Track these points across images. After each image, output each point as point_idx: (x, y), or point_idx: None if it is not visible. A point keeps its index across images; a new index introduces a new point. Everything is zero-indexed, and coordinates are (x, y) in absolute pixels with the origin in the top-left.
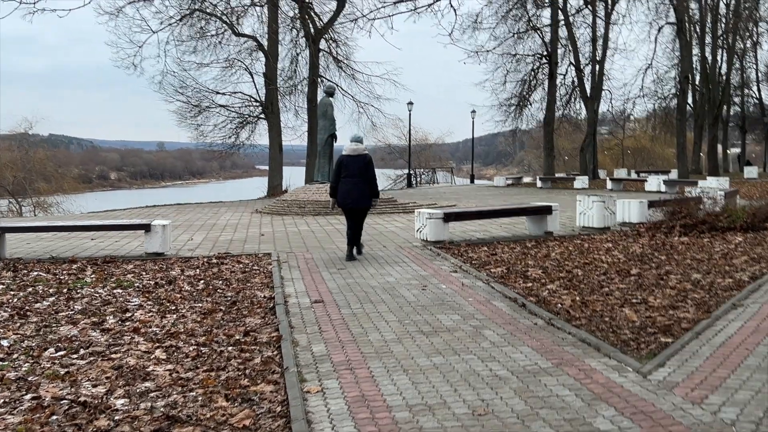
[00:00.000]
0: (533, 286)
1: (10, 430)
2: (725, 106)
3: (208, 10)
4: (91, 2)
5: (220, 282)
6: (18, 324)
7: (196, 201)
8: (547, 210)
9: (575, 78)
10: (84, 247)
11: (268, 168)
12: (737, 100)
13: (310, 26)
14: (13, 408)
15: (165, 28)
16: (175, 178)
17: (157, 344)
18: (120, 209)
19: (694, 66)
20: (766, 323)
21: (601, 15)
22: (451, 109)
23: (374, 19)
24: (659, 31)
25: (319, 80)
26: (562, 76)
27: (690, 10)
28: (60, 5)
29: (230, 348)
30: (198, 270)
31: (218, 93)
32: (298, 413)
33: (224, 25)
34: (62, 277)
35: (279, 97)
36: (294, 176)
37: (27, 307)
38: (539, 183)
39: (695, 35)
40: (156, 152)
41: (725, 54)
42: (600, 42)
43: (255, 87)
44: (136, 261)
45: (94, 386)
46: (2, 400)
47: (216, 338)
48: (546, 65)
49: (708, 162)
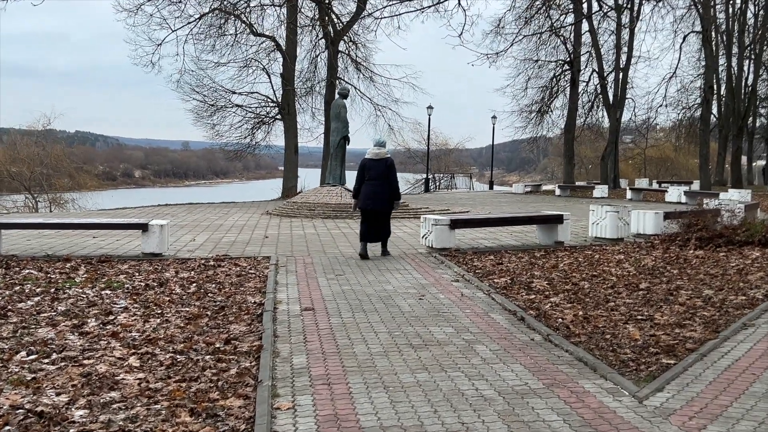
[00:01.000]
0: (536, 299)
1: None
2: (751, 118)
3: (228, 9)
4: None
5: (213, 285)
6: None
7: (213, 201)
8: (558, 219)
9: (598, 85)
10: (83, 246)
11: (283, 169)
12: (763, 112)
13: (330, 28)
14: None
15: (184, 27)
16: (199, 178)
17: (133, 350)
18: (131, 207)
19: (720, 76)
20: None
21: (624, 22)
22: (473, 115)
23: (381, 18)
24: (684, 40)
25: (337, 82)
26: (585, 84)
27: (716, 19)
28: None
29: (208, 357)
30: (193, 272)
31: (234, 93)
32: None
33: (243, 25)
34: (53, 276)
35: (296, 99)
36: (311, 178)
37: (9, 307)
38: (558, 191)
39: (722, 44)
40: (180, 151)
41: (752, 64)
42: (624, 49)
43: (272, 88)
44: (132, 261)
45: (58, 394)
46: None
47: (195, 346)
48: (568, 72)
49: (732, 174)
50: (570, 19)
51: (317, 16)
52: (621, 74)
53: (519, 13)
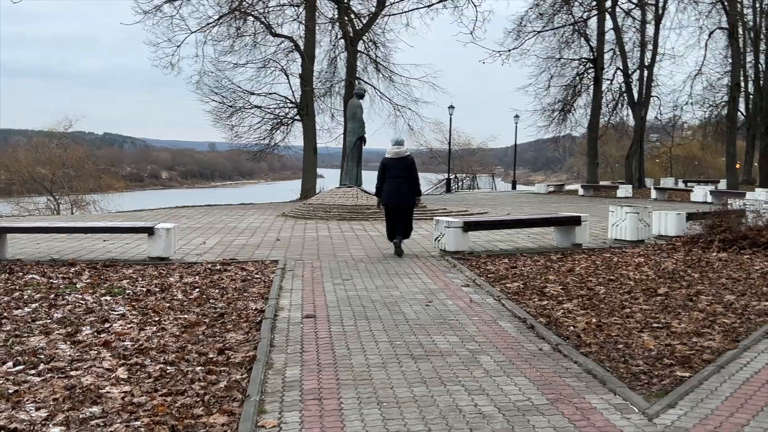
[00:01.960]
0: (548, 305)
1: None
2: None
3: (248, 10)
4: None
5: (216, 291)
6: None
7: (233, 202)
8: (576, 221)
9: (622, 83)
10: (91, 249)
11: (303, 170)
12: None
13: (349, 27)
14: None
15: (203, 28)
16: (225, 179)
17: (123, 361)
18: (149, 209)
19: (747, 73)
20: None
21: (649, 18)
22: (495, 115)
23: (389, 15)
24: (710, 36)
25: (356, 82)
26: (609, 82)
27: (743, 15)
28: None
29: (198, 368)
30: (197, 277)
31: (253, 94)
32: None
33: (261, 26)
34: (55, 282)
35: (314, 99)
36: (330, 179)
37: (5, 314)
38: (581, 191)
39: (749, 41)
40: (207, 152)
41: None
42: (649, 46)
43: (290, 88)
44: (138, 265)
45: (37, 409)
46: None
47: (187, 356)
48: (591, 70)
49: (760, 173)
50: (593, 17)
51: (336, 16)
52: (646, 72)
53: (541, 11)
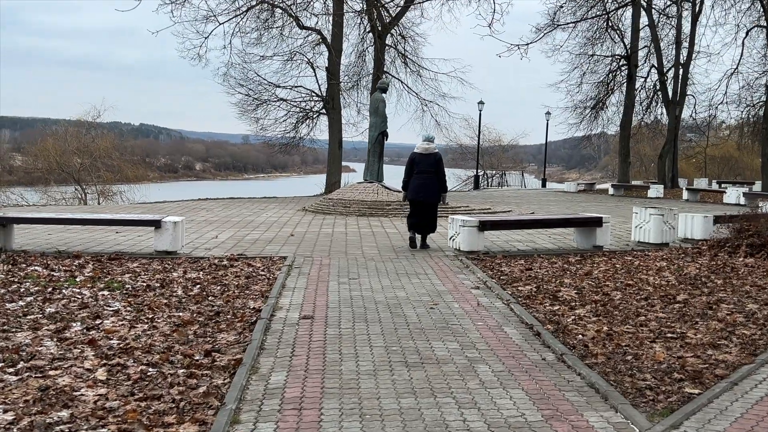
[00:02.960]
0: (559, 310)
1: None
2: None
3: (275, 2)
4: None
5: (218, 287)
6: None
7: (257, 195)
8: (597, 222)
9: (657, 81)
10: (101, 241)
11: (327, 164)
12: None
13: (377, 20)
14: None
15: (231, 20)
16: (258, 171)
17: (105, 361)
18: (171, 201)
19: None
20: None
21: (685, 15)
22: (527, 111)
23: (410, 5)
24: (747, 35)
25: (384, 76)
26: (643, 79)
27: None
28: None
29: (181, 371)
30: (201, 272)
31: (279, 86)
32: None
33: (289, 18)
34: (57, 274)
35: (340, 93)
36: (356, 173)
37: None
38: (611, 190)
39: None
40: (240, 145)
41: None
42: (685, 44)
43: (317, 81)
44: (143, 259)
45: (5, 411)
46: None
47: (172, 357)
48: (625, 67)
49: None
50: (627, 13)
51: (365, 9)
52: (681, 70)
53: (573, 8)
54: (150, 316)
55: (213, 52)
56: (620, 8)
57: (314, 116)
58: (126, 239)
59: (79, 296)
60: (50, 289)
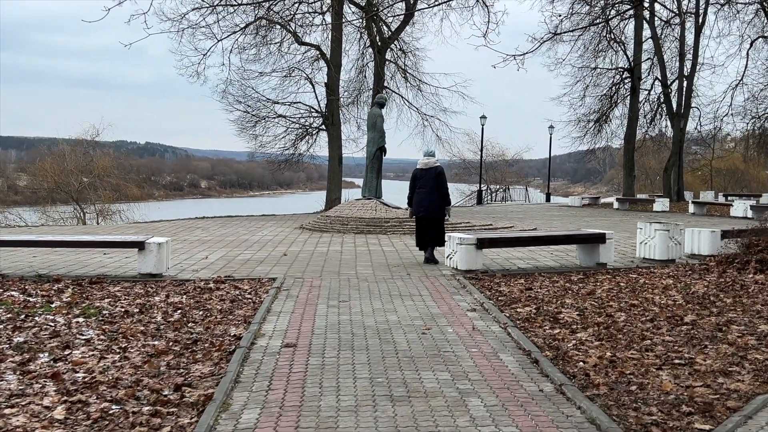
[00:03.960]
0: (559, 334)
1: None
2: None
3: (275, 19)
4: (151, 8)
5: (200, 313)
6: None
7: (256, 213)
8: (600, 238)
9: (661, 94)
10: (85, 263)
11: (327, 181)
12: None
13: (377, 36)
14: None
15: (229, 36)
16: (264, 188)
17: (66, 397)
18: (167, 220)
19: None
20: None
21: (688, 26)
22: (530, 125)
23: (396, 16)
24: (751, 45)
25: (383, 91)
26: (647, 92)
27: None
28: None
29: (146, 408)
30: (185, 296)
31: (277, 103)
32: None
33: (287, 34)
34: (33, 300)
35: (340, 108)
36: (360, 189)
37: None
38: (616, 204)
39: None
40: (245, 162)
41: None
42: (688, 56)
43: (316, 97)
44: (126, 282)
45: None
46: None
47: (139, 392)
48: (628, 80)
49: None
50: (630, 26)
51: (364, 24)
52: (685, 82)
53: (576, 20)
54: (123, 346)
55: (211, 69)
56: (619, 15)
57: (314, 132)
58: (112, 261)
59: (52, 324)
60: (23, 317)
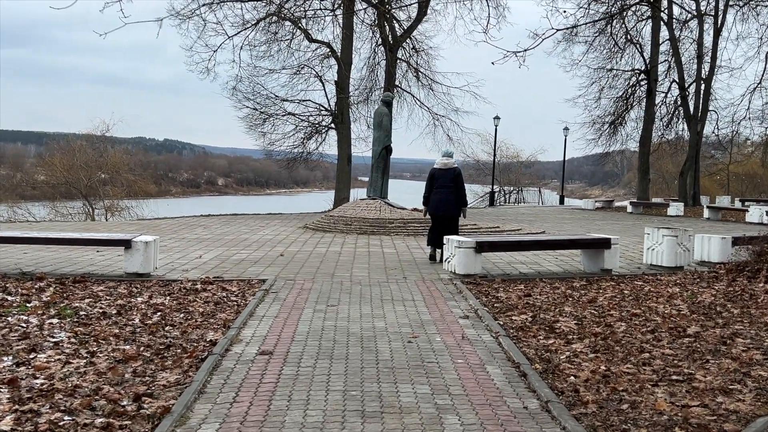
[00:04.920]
0: (553, 345)
1: None
2: None
3: (286, 16)
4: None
5: (181, 315)
6: None
7: (261, 211)
8: (605, 243)
9: (678, 97)
10: (75, 261)
11: (336, 180)
12: None
13: (389, 34)
14: None
15: (240, 33)
16: (280, 186)
17: (17, 406)
18: (171, 217)
19: None
20: None
21: (706, 28)
22: (545, 127)
23: (395, 9)
24: None
25: (394, 90)
26: (663, 95)
27: None
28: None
29: (99, 421)
30: (169, 298)
31: (286, 100)
32: None
33: (298, 31)
34: (12, 299)
35: (350, 107)
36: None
37: None
38: (630, 208)
39: None
40: (262, 160)
41: None
42: (706, 58)
43: (326, 96)
44: (111, 282)
45: None
46: None
47: (96, 402)
48: (644, 82)
49: None
50: (648, 28)
51: (376, 22)
52: (703, 85)
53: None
54: (92, 350)
55: (222, 66)
56: (634, 14)
57: (323, 131)
58: (103, 259)
59: (24, 325)
60: None
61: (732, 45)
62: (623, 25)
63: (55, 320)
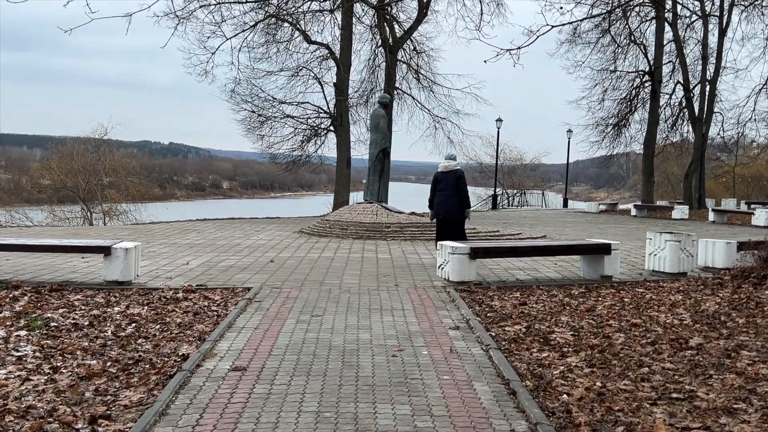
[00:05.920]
0: (547, 358)
1: None
2: None
3: (284, 17)
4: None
5: (156, 327)
6: None
7: (259, 215)
8: (605, 249)
9: (683, 98)
10: (57, 268)
11: (335, 183)
12: None
13: (389, 35)
14: None
15: (238, 34)
16: (285, 190)
17: None
18: (165, 222)
19: None
20: None
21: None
22: (549, 129)
23: (395, 11)
24: None
25: (395, 93)
26: (668, 96)
27: None
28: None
29: None
30: (147, 308)
31: (285, 103)
32: None
33: (297, 32)
34: None
35: (349, 109)
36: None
37: None
38: (634, 211)
39: None
40: (267, 163)
41: None
42: (711, 59)
43: (324, 98)
44: (89, 290)
45: None
46: None
47: (48, 425)
48: (648, 83)
49: None
50: (651, 28)
51: (375, 23)
52: (708, 86)
53: (597, 22)
54: (56, 365)
55: (220, 69)
56: (637, 15)
57: (322, 133)
58: (86, 266)
59: None
60: None
61: (737, 46)
62: (626, 26)
63: (23, 332)
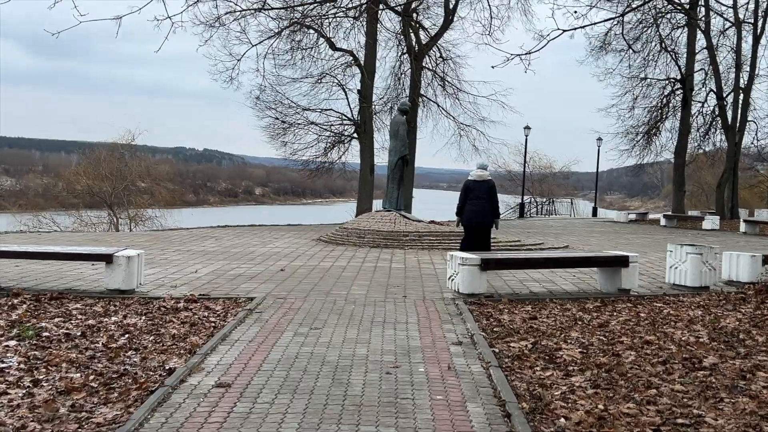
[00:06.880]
0: (549, 378)
1: None
2: None
3: (308, 23)
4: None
5: (150, 338)
6: None
7: (282, 222)
8: (623, 261)
9: (715, 106)
10: (63, 275)
11: (358, 191)
12: None
13: (414, 42)
14: None
15: (263, 41)
16: (317, 196)
17: None
18: (186, 228)
19: None
20: None
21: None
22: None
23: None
24: None
25: (419, 100)
26: (700, 104)
27: None
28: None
29: None
30: (144, 317)
31: (309, 110)
32: None
33: (321, 39)
34: None
35: (373, 116)
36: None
37: None
38: (663, 221)
39: None
40: (299, 170)
41: None
42: (745, 67)
43: (348, 105)
44: (89, 299)
45: None
46: None
47: None
48: (680, 91)
49: None
50: (683, 36)
51: (401, 30)
52: (741, 94)
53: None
54: (38, 378)
55: (245, 75)
56: (670, 22)
57: (345, 140)
58: (93, 274)
59: None
60: None
61: None
62: (657, 33)
63: (13, 342)
